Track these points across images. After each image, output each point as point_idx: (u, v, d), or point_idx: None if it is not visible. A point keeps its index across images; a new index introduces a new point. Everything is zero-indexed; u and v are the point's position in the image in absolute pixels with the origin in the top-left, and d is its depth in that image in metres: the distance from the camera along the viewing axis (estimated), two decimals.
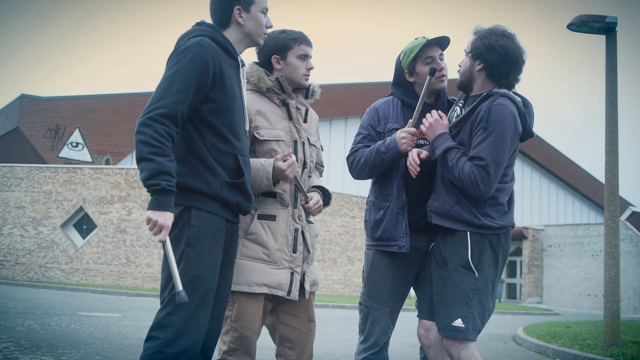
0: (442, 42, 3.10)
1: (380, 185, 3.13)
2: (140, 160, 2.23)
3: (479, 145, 2.75)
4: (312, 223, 3.06)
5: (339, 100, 23.47)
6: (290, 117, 2.96)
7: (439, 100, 3.17)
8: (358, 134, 3.22)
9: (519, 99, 2.87)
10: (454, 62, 3.15)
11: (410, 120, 3.01)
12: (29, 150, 21.20)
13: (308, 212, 3.00)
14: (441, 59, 3.10)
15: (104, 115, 21.53)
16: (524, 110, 2.85)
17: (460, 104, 3.03)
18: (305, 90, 3.04)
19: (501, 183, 2.82)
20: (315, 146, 3.09)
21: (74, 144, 21.04)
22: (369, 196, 3.24)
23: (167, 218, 2.21)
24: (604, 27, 7.98)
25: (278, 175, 2.77)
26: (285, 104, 2.96)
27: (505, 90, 2.85)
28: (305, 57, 2.96)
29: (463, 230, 2.82)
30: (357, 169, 3.15)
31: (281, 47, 2.94)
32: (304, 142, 2.98)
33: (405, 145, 2.95)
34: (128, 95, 22.24)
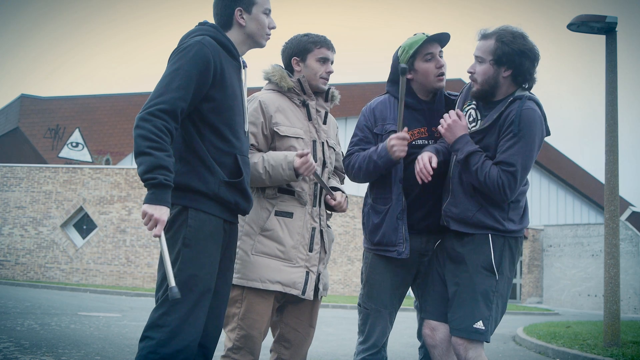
0: (442, 39, 3.05)
1: (379, 188, 3.09)
2: (138, 154, 2.21)
3: (508, 151, 2.70)
4: (329, 227, 3.06)
5: (339, 100, 23.46)
6: (309, 118, 2.98)
7: (437, 98, 3.12)
8: (354, 136, 3.18)
9: (538, 99, 2.84)
10: (450, 61, 3.11)
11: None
12: (29, 150, 21.19)
13: (337, 210, 2.99)
14: (441, 56, 3.04)
15: (104, 115, 21.52)
16: (544, 112, 2.84)
17: (473, 106, 2.95)
18: (325, 94, 3.05)
19: (522, 186, 2.81)
20: (334, 149, 3.10)
21: (74, 144, 21.03)
22: (366, 198, 3.21)
23: (162, 212, 2.19)
24: (604, 27, 7.98)
25: (297, 170, 2.77)
26: (305, 105, 2.98)
27: (530, 93, 2.81)
28: (325, 60, 2.98)
29: (484, 233, 2.81)
30: (353, 174, 3.12)
31: (302, 49, 2.97)
32: (323, 143, 2.99)
33: (397, 153, 2.90)
34: (128, 95, 22.23)
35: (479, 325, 2.72)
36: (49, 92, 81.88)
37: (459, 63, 3.05)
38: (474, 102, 2.95)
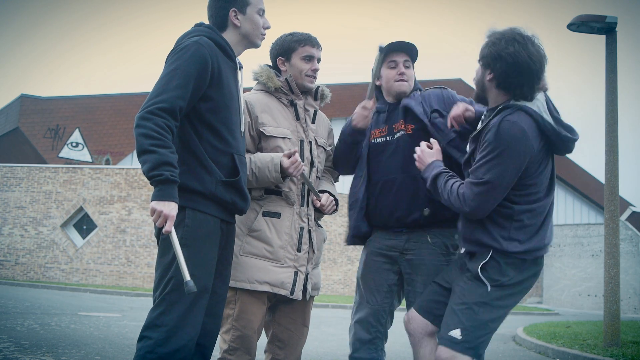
0: (407, 49, 3.08)
1: (351, 187, 3.24)
2: (141, 153, 2.21)
3: (478, 163, 2.57)
4: (321, 227, 3.07)
5: (339, 100, 23.46)
6: (297, 117, 2.97)
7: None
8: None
9: (539, 111, 2.56)
10: (451, 62, 3.10)
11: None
12: (29, 150, 21.19)
13: (322, 212, 3.00)
14: (407, 67, 3.09)
15: (104, 115, 21.52)
16: (548, 122, 2.56)
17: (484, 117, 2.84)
18: (314, 92, 3.05)
19: (527, 204, 2.59)
20: (324, 148, 3.10)
21: (74, 144, 21.04)
22: None
23: (171, 208, 2.20)
24: (604, 27, 7.98)
25: (285, 171, 2.78)
26: (293, 105, 2.98)
27: (523, 103, 2.57)
28: (310, 58, 2.97)
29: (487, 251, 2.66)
30: (334, 160, 3.23)
31: (286, 49, 2.98)
32: (310, 142, 2.99)
33: (355, 118, 3.05)
34: (128, 95, 22.22)
35: (455, 333, 2.59)
36: (49, 92, 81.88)
37: (461, 62, 3.00)
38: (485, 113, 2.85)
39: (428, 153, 2.84)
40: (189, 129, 2.42)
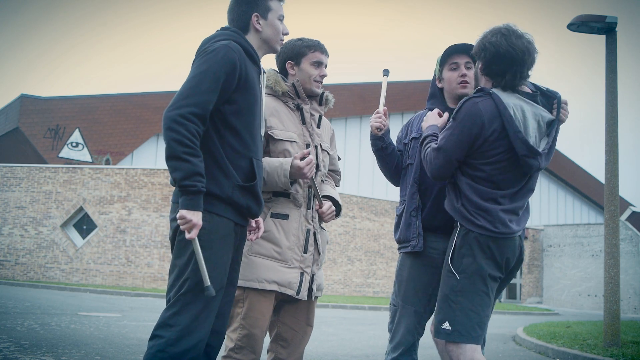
0: (468, 51, 3.05)
1: (400, 190, 3.24)
2: (173, 158, 2.26)
3: (442, 131, 2.86)
4: (324, 229, 3.10)
5: (339, 100, 23.44)
6: (303, 122, 3.02)
7: None
8: None
9: (506, 100, 2.70)
10: None
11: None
12: (29, 150, 21.21)
13: (321, 218, 3.04)
14: (468, 67, 3.10)
15: (104, 115, 21.54)
16: (509, 113, 2.69)
17: None
18: (319, 97, 3.10)
19: (474, 182, 2.76)
20: (327, 152, 3.14)
21: (74, 144, 21.05)
22: None
23: (199, 218, 2.29)
24: (604, 27, 8.00)
25: (295, 174, 2.83)
26: (299, 109, 3.03)
27: (496, 90, 2.75)
28: (319, 64, 3.03)
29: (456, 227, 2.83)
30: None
31: (296, 53, 3.03)
32: (316, 146, 3.04)
33: (371, 123, 3.19)
34: (128, 95, 22.25)
35: (445, 325, 2.75)
36: (49, 92, 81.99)
37: None
38: None
39: (432, 116, 3.03)
40: (211, 131, 2.45)
